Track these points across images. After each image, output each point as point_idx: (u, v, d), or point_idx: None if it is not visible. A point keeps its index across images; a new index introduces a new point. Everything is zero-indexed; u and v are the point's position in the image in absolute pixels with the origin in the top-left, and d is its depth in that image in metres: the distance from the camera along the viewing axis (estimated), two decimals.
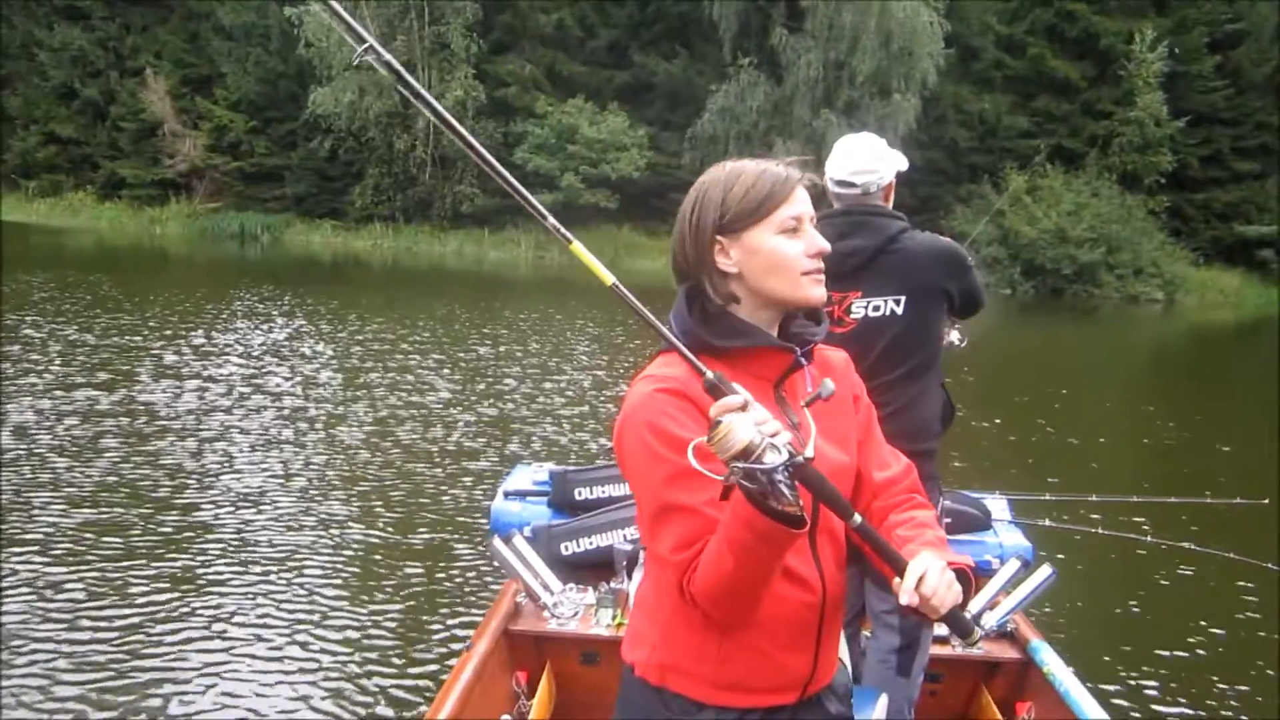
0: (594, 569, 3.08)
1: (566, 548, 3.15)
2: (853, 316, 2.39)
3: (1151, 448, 8.53)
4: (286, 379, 8.68)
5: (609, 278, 1.29)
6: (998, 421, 8.58)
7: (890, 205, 2.49)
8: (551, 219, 1.30)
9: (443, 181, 27.68)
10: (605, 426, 7.53)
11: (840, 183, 2.44)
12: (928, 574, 1.25)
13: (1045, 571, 2.96)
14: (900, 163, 2.48)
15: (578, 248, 1.29)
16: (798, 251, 1.35)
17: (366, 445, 6.70)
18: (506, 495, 3.46)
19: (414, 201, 28.13)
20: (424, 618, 4.09)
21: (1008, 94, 27.85)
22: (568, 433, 7.33)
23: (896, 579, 1.27)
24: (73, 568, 4.31)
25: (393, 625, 4.00)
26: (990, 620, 2.91)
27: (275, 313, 12.77)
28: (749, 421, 1.13)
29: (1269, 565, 3.86)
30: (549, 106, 27.15)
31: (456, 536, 5.06)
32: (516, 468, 3.85)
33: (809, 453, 1.17)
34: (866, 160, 2.42)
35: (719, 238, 1.34)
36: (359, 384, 8.69)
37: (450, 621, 4.06)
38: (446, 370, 9.57)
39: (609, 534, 3.12)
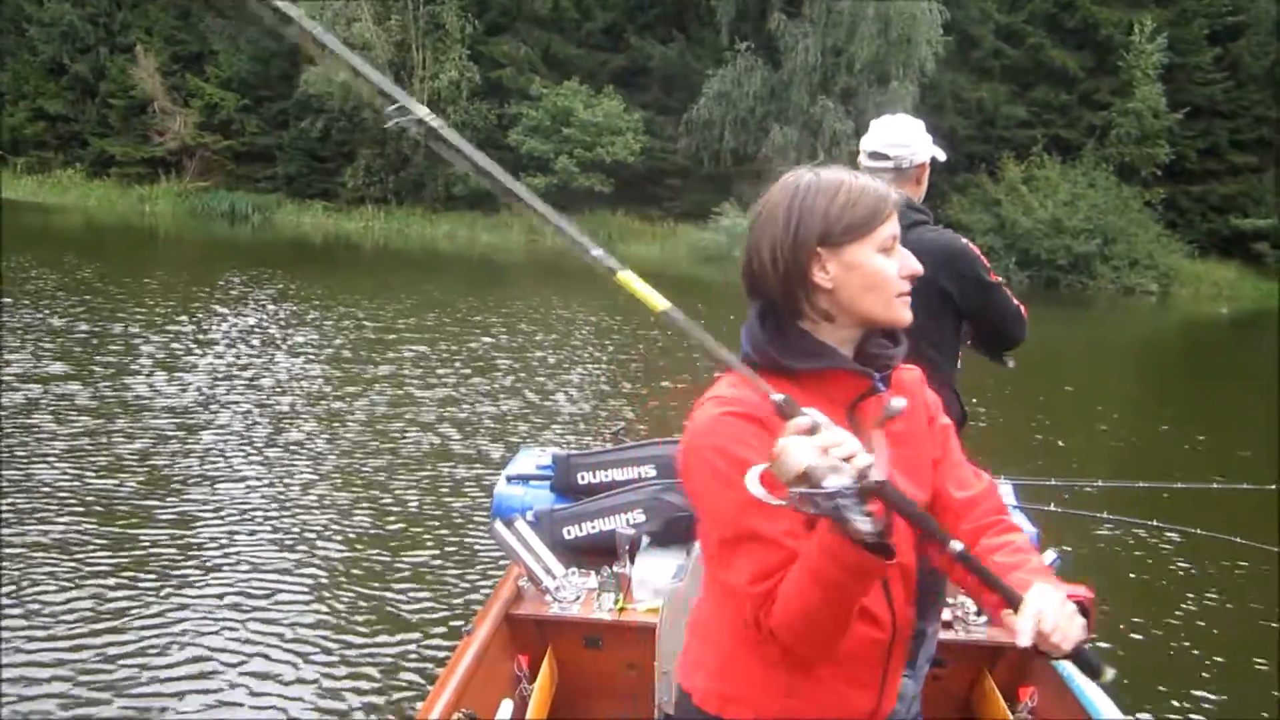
0: (596, 553, 3.05)
1: (569, 532, 3.13)
2: None
3: (1154, 437, 8.54)
4: (275, 368, 8.55)
5: (661, 304, 1.23)
6: (1000, 419, 8.54)
7: (923, 190, 2.46)
8: (597, 249, 1.23)
9: (435, 163, 27.45)
10: (609, 421, 7.48)
11: (874, 154, 2.40)
12: (1047, 609, 1.14)
13: (1050, 556, 2.95)
14: (937, 151, 2.45)
15: (624, 277, 1.23)
16: (894, 271, 1.31)
17: (363, 432, 6.64)
18: (509, 479, 3.44)
19: (406, 183, 27.93)
20: (425, 602, 4.05)
21: (1006, 83, 27.76)
22: (572, 428, 7.24)
23: (1007, 612, 1.18)
24: (48, 577, 4.04)
25: (393, 610, 3.96)
26: None
27: (264, 298, 12.57)
28: (807, 444, 1.07)
29: (1273, 548, 3.86)
30: (544, 89, 26.94)
31: (457, 521, 5.02)
32: (520, 451, 3.83)
33: (878, 476, 1.07)
34: (901, 135, 2.39)
35: (819, 249, 1.28)
36: (351, 372, 8.60)
37: (452, 606, 4.03)
38: (443, 360, 9.47)
39: (612, 518, 3.09)
